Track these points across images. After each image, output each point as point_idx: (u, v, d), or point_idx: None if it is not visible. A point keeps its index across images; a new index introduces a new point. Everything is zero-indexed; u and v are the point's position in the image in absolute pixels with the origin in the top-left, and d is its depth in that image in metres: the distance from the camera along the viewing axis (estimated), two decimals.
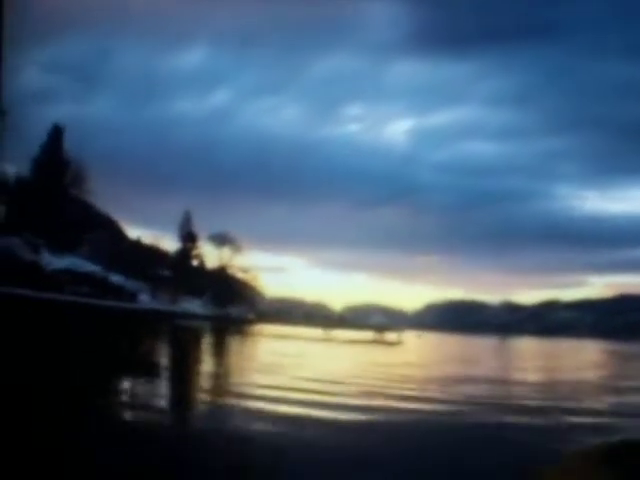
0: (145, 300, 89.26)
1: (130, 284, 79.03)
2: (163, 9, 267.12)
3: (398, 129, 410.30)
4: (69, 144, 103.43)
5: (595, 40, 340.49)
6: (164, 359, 33.76)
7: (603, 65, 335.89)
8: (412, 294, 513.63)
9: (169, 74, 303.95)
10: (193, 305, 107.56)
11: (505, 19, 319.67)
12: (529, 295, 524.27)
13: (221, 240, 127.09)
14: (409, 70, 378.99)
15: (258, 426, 13.88)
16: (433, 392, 22.39)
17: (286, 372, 27.10)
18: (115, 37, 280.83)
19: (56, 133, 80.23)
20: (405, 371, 31.63)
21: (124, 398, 17.95)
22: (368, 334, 78.68)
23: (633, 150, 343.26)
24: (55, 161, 77.42)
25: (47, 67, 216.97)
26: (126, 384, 21.06)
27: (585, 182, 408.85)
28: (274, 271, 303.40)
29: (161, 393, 20.01)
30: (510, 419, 16.31)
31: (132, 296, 66.74)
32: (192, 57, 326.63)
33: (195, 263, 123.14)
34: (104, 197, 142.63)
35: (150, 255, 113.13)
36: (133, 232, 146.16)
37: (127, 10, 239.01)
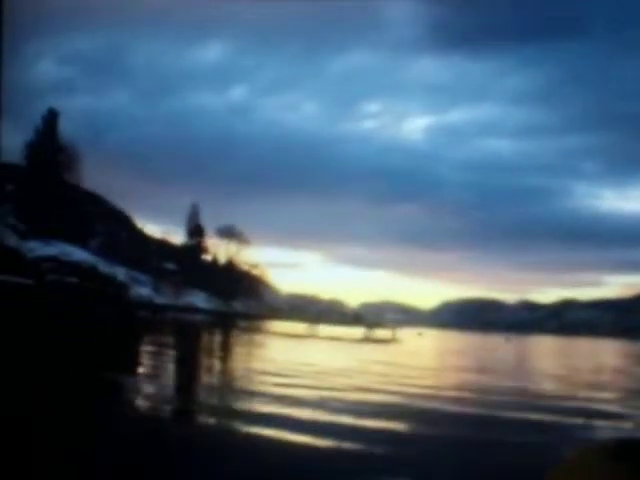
0: (145, 293, 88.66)
1: (123, 275, 78.08)
2: (184, 4, 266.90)
3: (417, 126, 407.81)
4: (85, 136, 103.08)
5: (616, 37, 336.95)
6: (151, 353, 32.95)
7: (624, 62, 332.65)
8: (429, 292, 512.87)
9: (189, 68, 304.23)
10: (197, 299, 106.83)
11: (526, 16, 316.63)
12: (547, 294, 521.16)
13: (228, 234, 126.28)
14: (428, 67, 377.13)
15: None
16: None
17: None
18: (136, 31, 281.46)
19: (51, 118, 78.58)
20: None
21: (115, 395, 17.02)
22: (360, 331, 74.67)
23: None
24: (49, 146, 75.91)
25: (65, 59, 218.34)
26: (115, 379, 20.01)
27: (604, 181, 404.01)
28: (290, 267, 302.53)
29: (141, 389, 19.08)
30: None
31: (122, 287, 65.51)
32: (212, 52, 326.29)
33: (202, 257, 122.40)
34: (118, 190, 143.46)
35: (158, 248, 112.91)
36: (148, 226, 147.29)
37: (149, 4, 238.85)
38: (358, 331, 73.62)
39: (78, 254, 64.06)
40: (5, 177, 72.22)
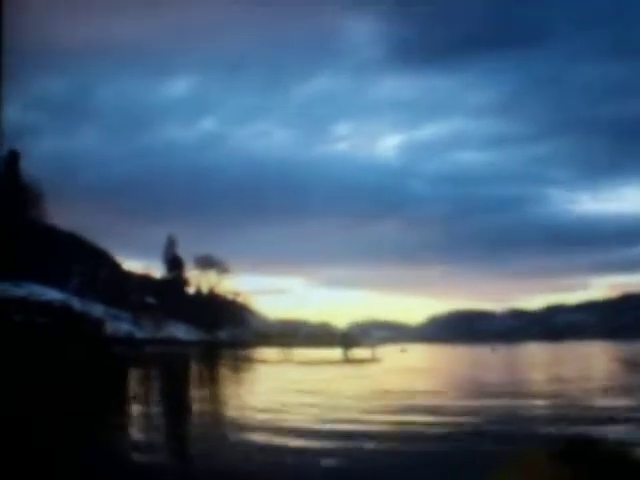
0: (125, 328, 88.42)
1: (100, 312, 77.82)
2: (149, 40, 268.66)
3: (388, 144, 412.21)
4: (58, 177, 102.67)
5: (577, 44, 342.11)
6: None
7: (586, 68, 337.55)
8: (416, 307, 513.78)
9: (157, 104, 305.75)
10: (179, 331, 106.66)
11: (486, 30, 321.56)
12: (533, 300, 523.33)
13: (206, 263, 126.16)
14: (394, 86, 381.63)
15: None
16: None
17: None
18: (103, 70, 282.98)
19: (11, 158, 77.70)
20: None
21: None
22: (338, 352, 73.00)
23: (620, 150, 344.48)
24: (11, 186, 74.94)
25: (32, 102, 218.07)
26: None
27: (577, 184, 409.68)
28: (275, 293, 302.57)
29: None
30: None
31: (98, 324, 65.13)
32: (179, 86, 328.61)
33: (182, 289, 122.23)
34: (97, 229, 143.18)
35: (138, 283, 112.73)
36: (129, 263, 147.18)
37: (112, 42, 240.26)
38: (342, 352, 73.14)
39: (49, 294, 63.70)
40: None
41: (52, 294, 64.91)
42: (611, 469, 2.77)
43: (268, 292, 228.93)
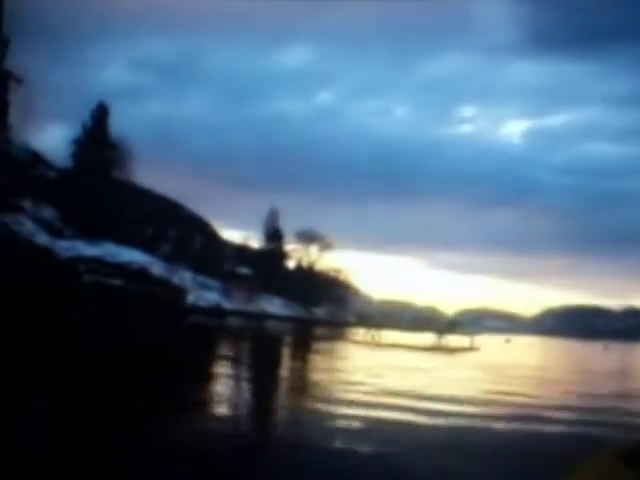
0: (213, 298, 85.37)
1: (186, 279, 74.59)
2: (270, 7, 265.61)
3: (514, 130, 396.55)
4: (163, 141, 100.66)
5: None
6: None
7: None
8: (531, 298, 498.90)
9: (272, 73, 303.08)
10: (272, 304, 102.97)
11: (625, 18, 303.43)
12: None
13: (308, 238, 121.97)
14: (525, 70, 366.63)
15: None
16: None
17: None
18: (217, 35, 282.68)
19: (100, 113, 74.05)
20: None
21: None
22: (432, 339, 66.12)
23: None
24: (98, 142, 71.29)
25: (142, 63, 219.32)
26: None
27: None
28: (384, 272, 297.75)
29: None
30: None
31: (177, 291, 61.76)
32: (296, 55, 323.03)
33: (280, 261, 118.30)
34: (196, 194, 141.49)
35: (234, 253, 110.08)
36: (229, 232, 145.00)
37: (228, 6, 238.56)
38: (436, 338, 67.19)
39: (126, 255, 60.44)
40: (48, 176, 69.55)
41: (130, 255, 61.63)
42: None
43: (377, 271, 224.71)
